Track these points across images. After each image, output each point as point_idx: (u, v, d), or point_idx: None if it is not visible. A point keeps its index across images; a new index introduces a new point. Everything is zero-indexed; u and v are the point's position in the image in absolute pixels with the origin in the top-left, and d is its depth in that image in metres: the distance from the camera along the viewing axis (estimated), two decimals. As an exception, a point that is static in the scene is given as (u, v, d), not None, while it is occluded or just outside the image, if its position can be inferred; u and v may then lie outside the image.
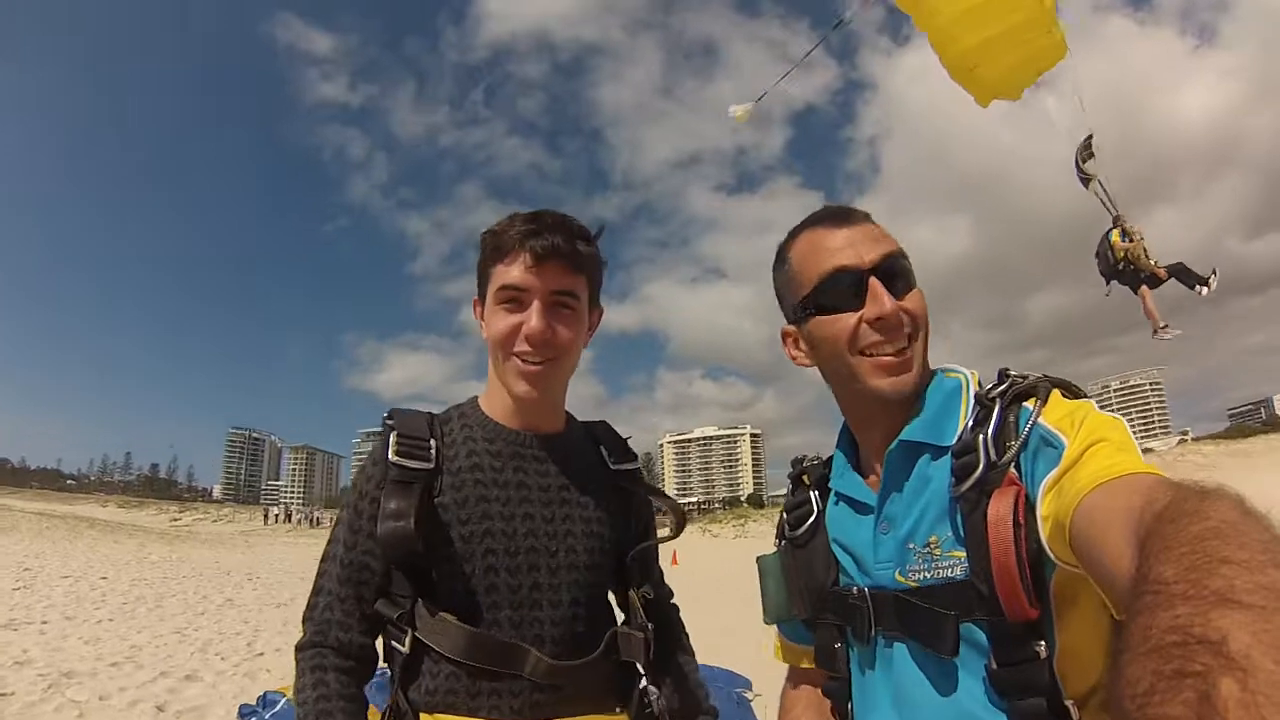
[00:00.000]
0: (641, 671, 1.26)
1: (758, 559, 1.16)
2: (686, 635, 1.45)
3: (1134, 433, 0.83)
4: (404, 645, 1.15)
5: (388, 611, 1.16)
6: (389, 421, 1.21)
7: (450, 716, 1.12)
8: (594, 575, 1.23)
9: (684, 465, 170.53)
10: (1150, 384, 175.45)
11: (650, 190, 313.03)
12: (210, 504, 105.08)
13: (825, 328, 0.99)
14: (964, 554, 0.86)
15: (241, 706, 4.80)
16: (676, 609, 1.47)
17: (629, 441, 1.40)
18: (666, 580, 1.42)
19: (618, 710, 1.23)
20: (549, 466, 1.24)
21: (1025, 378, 0.93)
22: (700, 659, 1.39)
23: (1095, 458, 0.77)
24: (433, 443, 1.20)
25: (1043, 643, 0.82)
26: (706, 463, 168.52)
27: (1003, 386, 0.93)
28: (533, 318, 1.16)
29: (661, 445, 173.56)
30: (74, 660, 6.04)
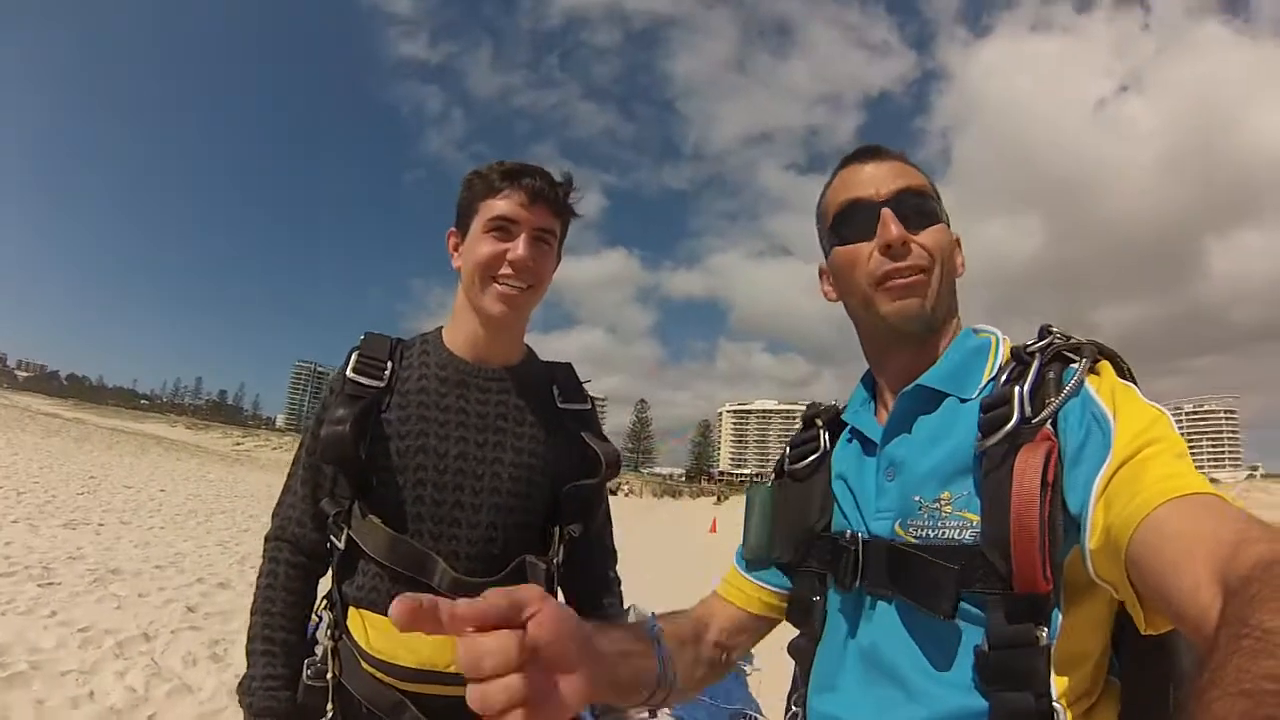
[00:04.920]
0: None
1: (748, 489, 1.09)
2: (619, 591, 1.49)
3: (1201, 462, 0.74)
4: (340, 541, 1.26)
5: (328, 509, 1.26)
6: (358, 342, 1.33)
7: (371, 613, 1.22)
8: (518, 502, 1.29)
9: (741, 436, 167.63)
10: (1225, 411, 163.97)
11: (722, 163, 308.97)
12: (273, 432, 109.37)
13: (842, 257, 0.96)
14: (977, 517, 0.78)
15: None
16: (612, 559, 1.50)
17: (588, 385, 1.46)
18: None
19: None
20: (491, 397, 1.32)
21: (1070, 337, 0.86)
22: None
23: (1155, 463, 0.69)
24: (389, 365, 1.30)
25: (1045, 629, 0.73)
26: (764, 436, 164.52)
27: (1044, 342, 0.86)
28: (520, 246, 1.26)
29: (720, 414, 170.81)
30: (122, 560, 6.50)
